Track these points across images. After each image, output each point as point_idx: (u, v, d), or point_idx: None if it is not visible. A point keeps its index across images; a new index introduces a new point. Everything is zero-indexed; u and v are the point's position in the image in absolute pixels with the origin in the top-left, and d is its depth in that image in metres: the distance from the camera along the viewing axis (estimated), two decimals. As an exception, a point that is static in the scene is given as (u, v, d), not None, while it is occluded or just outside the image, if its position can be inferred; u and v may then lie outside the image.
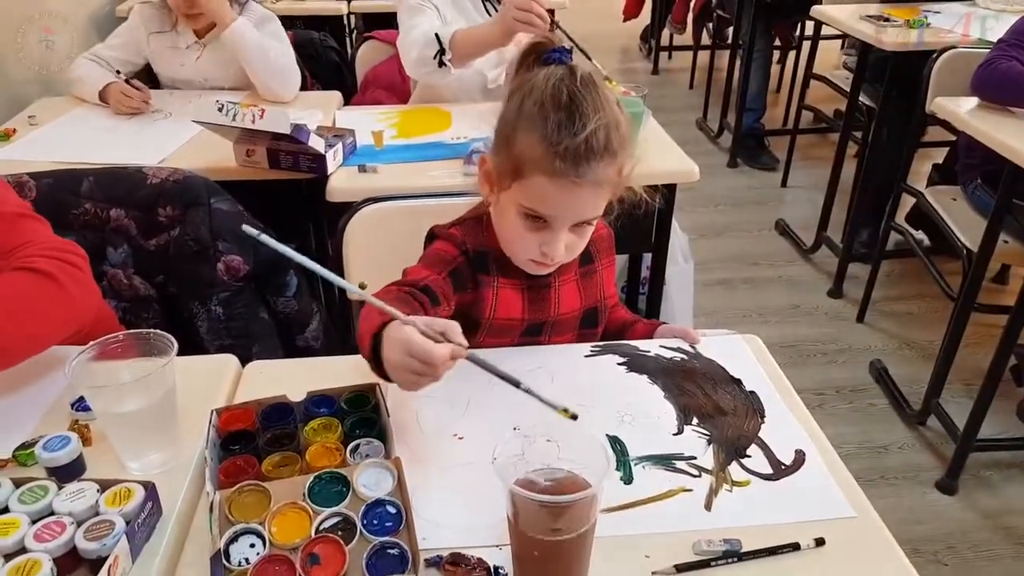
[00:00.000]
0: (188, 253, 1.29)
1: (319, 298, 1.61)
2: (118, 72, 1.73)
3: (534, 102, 0.84)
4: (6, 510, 0.69)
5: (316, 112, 1.65)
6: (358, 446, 0.78)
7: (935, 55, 1.94)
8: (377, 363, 0.73)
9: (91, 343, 0.76)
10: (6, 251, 0.88)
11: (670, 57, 4.86)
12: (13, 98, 1.88)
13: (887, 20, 2.27)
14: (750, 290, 2.63)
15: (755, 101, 3.37)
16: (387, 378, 0.73)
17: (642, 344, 0.99)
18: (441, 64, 1.60)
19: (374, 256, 1.30)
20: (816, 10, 2.55)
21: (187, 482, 0.76)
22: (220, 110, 1.26)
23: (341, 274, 1.31)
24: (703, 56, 4.33)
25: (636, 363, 0.95)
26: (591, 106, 0.83)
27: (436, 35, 1.59)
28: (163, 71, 1.84)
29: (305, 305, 1.46)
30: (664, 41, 4.79)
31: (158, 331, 0.77)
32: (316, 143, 1.32)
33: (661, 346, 0.98)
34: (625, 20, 4.97)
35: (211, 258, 1.30)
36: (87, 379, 0.75)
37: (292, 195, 1.49)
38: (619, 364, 0.95)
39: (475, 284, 0.93)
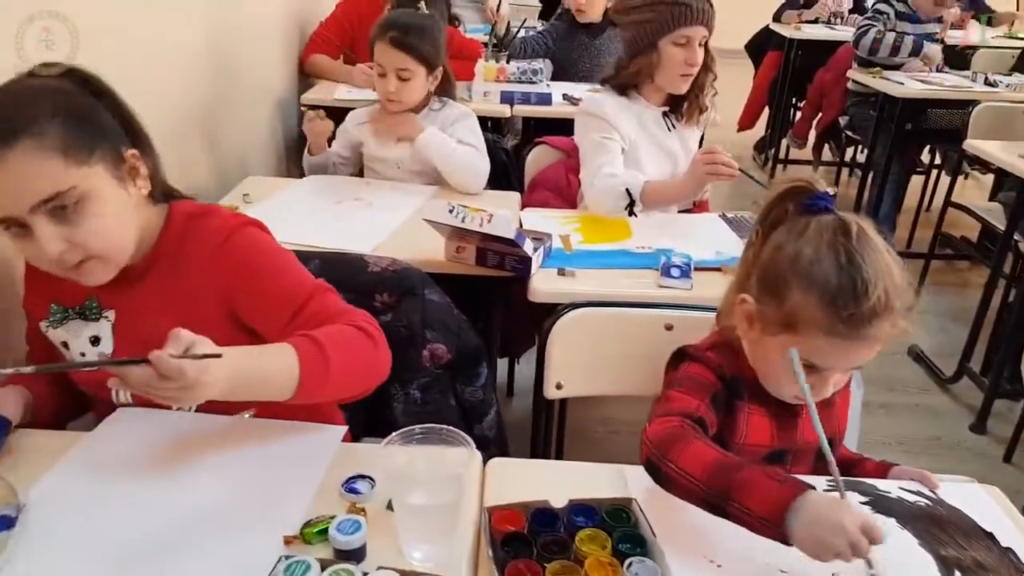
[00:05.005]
0: (399, 338, 1.37)
1: (496, 391, 1.66)
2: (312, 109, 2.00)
3: (809, 261, 0.87)
4: (316, 589, 0.73)
5: (506, 212, 1.74)
6: (631, 563, 0.80)
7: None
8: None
9: (392, 435, 0.82)
10: (325, 317, 0.99)
11: (784, 169, 4.91)
12: (221, 177, 2.08)
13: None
14: (887, 417, 2.54)
15: (885, 221, 3.35)
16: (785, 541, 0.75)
17: (880, 483, 0.98)
18: (632, 213, 1.73)
19: (575, 357, 1.34)
20: (970, 144, 2.56)
21: (467, 578, 0.79)
22: (451, 212, 1.37)
23: (541, 372, 1.36)
24: (820, 173, 4.36)
25: (881, 504, 0.94)
26: (872, 267, 0.85)
27: (627, 190, 1.70)
28: (367, 150, 2.04)
29: (488, 396, 1.50)
30: (780, 153, 4.85)
31: (451, 428, 0.82)
32: (527, 246, 1.40)
33: (901, 488, 0.97)
34: (739, 130, 5.08)
35: (418, 345, 1.38)
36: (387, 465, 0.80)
37: (488, 290, 1.57)
38: (862, 503, 0.94)
39: (728, 409, 0.96)
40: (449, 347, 1.39)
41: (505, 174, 2.25)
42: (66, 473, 0.91)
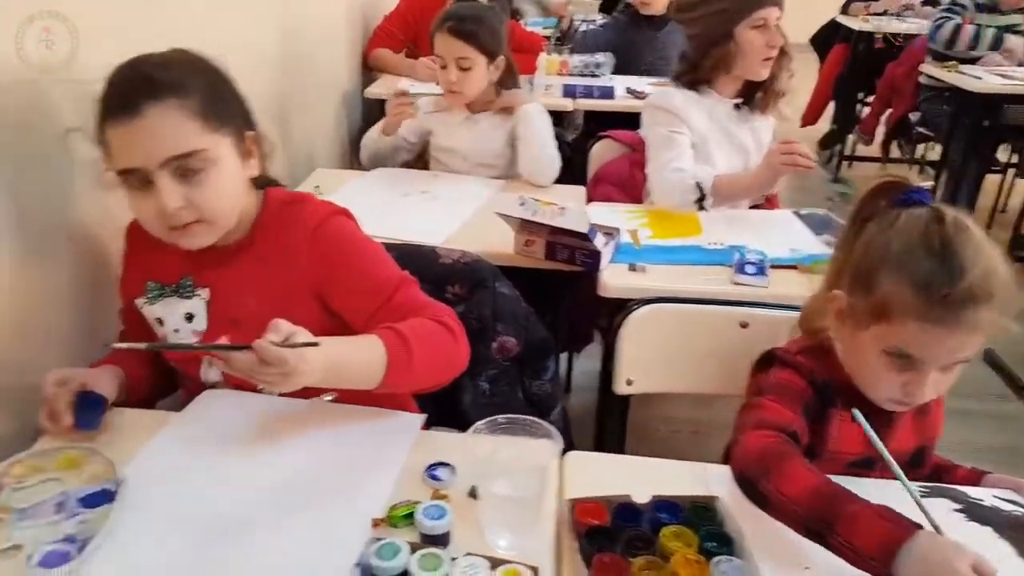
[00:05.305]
0: (470, 330, 1.37)
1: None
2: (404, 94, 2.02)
3: (901, 247, 0.84)
4: (406, 574, 0.74)
5: (577, 205, 1.74)
6: (719, 562, 0.78)
7: None
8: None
9: (477, 423, 0.83)
10: (410, 309, 1.02)
11: (850, 166, 4.77)
12: (292, 169, 2.13)
13: None
14: (960, 424, 2.41)
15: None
16: None
17: (971, 491, 0.94)
18: (701, 208, 1.70)
19: (647, 353, 1.33)
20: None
21: (551, 568, 0.79)
22: (522, 205, 1.37)
23: (608, 367, 1.35)
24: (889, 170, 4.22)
25: (975, 512, 0.90)
26: (968, 251, 0.82)
27: (697, 184, 1.67)
28: (434, 140, 2.06)
29: (555, 390, 1.50)
30: (847, 149, 4.71)
31: (535, 419, 0.83)
32: (597, 240, 1.39)
33: (995, 496, 0.93)
34: (803, 126, 4.94)
35: (488, 337, 1.38)
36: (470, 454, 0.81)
37: (555, 284, 1.57)
38: (955, 511, 0.91)
39: (820, 417, 0.93)
40: (518, 340, 1.39)
41: (567, 168, 2.24)
42: (159, 451, 0.94)
